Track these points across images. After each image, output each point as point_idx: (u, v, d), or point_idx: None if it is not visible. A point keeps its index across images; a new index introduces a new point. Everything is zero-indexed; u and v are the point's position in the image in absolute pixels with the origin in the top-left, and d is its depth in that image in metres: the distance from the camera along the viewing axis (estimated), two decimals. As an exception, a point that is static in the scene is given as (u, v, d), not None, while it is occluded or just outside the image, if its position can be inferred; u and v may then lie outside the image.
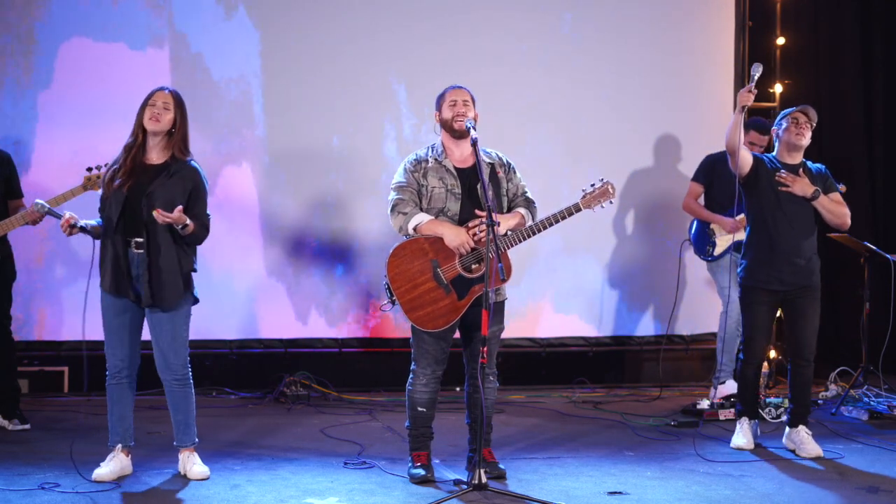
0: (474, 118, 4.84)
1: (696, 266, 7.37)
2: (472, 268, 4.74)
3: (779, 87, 7.90)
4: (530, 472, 5.00)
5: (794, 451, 5.48)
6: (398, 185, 4.86)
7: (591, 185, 4.87)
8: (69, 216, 4.61)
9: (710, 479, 4.94)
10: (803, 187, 5.39)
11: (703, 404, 6.51)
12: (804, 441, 5.45)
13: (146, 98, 4.73)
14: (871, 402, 6.62)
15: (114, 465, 4.74)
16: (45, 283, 6.80)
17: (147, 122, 4.68)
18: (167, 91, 4.75)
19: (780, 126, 5.51)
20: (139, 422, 5.33)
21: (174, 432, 4.87)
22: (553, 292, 7.52)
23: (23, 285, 6.04)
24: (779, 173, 5.40)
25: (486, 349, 4.52)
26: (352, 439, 5.68)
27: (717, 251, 6.71)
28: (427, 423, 4.91)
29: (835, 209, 5.46)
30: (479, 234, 4.66)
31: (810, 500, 4.63)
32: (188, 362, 4.81)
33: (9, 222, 5.53)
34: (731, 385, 6.59)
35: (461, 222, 4.77)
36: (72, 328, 6.78)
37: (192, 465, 4.83)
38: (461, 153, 4.89)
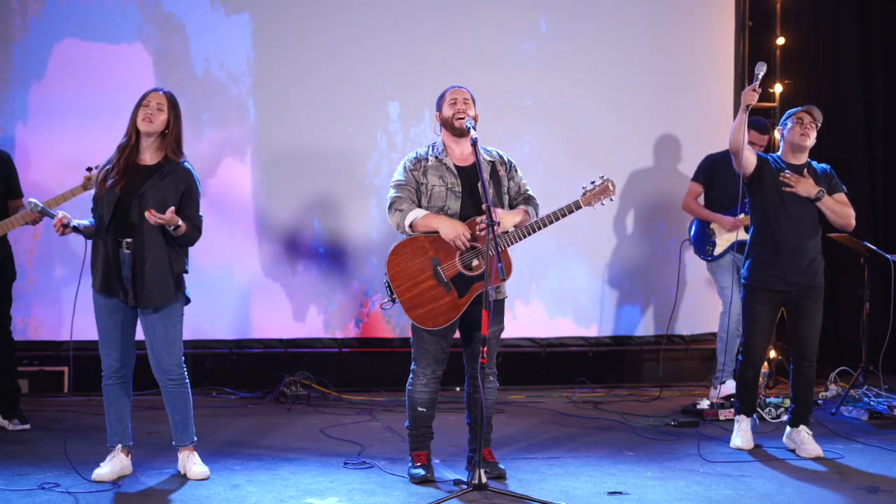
0: (475, 118, 4.84)
1: (696, 266, 7.37)
2: (473, 265, 4.74)
3: (779, 87, 7.89)
4: (530, 472, 5.00)
5: (794, 451, 5.48)
6: (397, 182, 4.86)
7: (592, 182, 4.87)
8: (62, 216, 4.60)
9: (710, 479, 4.94)
10: (807, 188, 5.37)
11: (703, 404, 6.52)
12: (804, 441, 5.45)
13: (140, 98, 4.72)
14: (871, 402, 6.62)
15: (113, 465, 4.74)
16: (45, 283, 6.79)
17: (140, 122, 4.67)
18: (161, 92, 4.75)
19: (785, 126, 5.49)
20: (138, 422, 5.33)
21: (172, 432, 4.87)
22: (553, 292, 7.52)
23: (23, 285, 6.04)
24: (783, 174, 5.38)
25: (486, 349, 4.52)
26: (352, 439, 5.68)
27: (717, 251, 6.70)
28: (427, 423, 4.91)
29: (839, 210, 5.44)
30: (481, 227, 4.64)
31: (810, 500, 4.63)
32: (183, 362, 4.80)
33: (9, 222, 5.54)
34: (731, 385, 6.58)
35: (462, 219, 4.76)
36: (72, 328, 6.77)
37: (191, 464, 4.83)
38: (462, 152, 4.89)
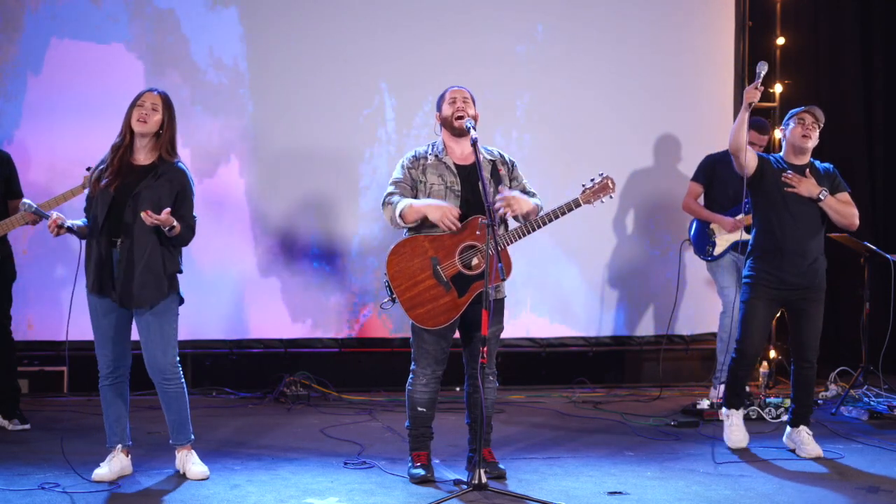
0: (474, 117, 4.84)
1: (696, 266, 7.37)
2: (473, 265, 4.74)
3: (779, 87, 7.90)
4: (530, 472, 5.00)
5: (794, 451, 5.48)
6: (393, 180, 4.87)
7: (591, 179, 4.86)
8: (56, 217, 4.59)
9: (710, 479, 4.93)
10: (809, 188, 5.35)
11: (703, 404, 6.51)
12: (805, 441, 5.44)
13: (135, 98, 4.72)
14: (871, 402, 6.62)
15: (113, 465, 4.74)
16: (45, 283, 6.79)
17: (135, 123, 4.67)
18: (156, 92, 4.74)
19: (787, 127, 5.47)
20: (138, 422, 5.33)
21: (169, 432, 4.86)
22: (553, 292, 7.52)
23: (23, 285, 6.04)
24: (784, 174, 5.36)
25: (486, 349, 4.52)
26: (352, 439, 5.68)
27: (717, 251, 6.70)
28: (427, 423, 4.91)
29: (842, 209, 5.41)
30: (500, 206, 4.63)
31: (810, 500, 4.62)
32: (178, 361, 4.79)
33: (9, 222, 5.54)
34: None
35: (462, 219, 4.76)
36: (72, 328, 6.76)
37: (190, 464, 4.82)
38: (462, 151, 4.89)
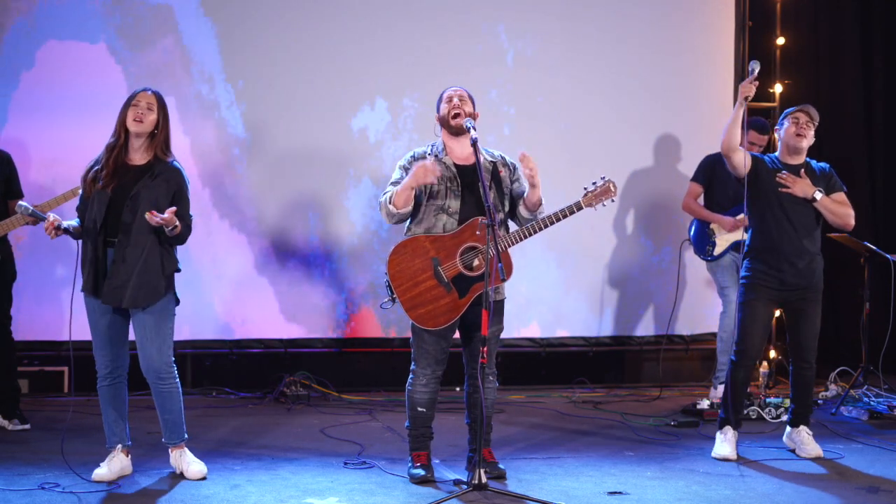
0: (473, 115, 4.84)
1: (696, 266, 7.37)
2: (474, 266, 4.74)
3: (779, 87, 7.90)
4: (530, 472, 5.00)
5: (794, 451, 5.48)
6: (392, 181, 4.87)
7: (593, 183, 4.87)
8: (53, 218, 4.57)
9: (710, 479, 4.94)
10: (804, 188, 5.33)
11: (703, 404, 6.52)
12: (805, 441, 5.44)
13: (129, 98, 4.71)
14: (871, 402, 6.62)
15: (113, 465, 4.74)
16: (45, 283, 6.79)
17: (130, 122, 4.66)
18: (150, 92, 4.74)
19: (782, 126, 5.46)
20: (138, 422, 5.33)
21: (162, 431, 4.85)
22: (553, 292, 7.52)
23: (23, 285, 6.04)
24: (779, 174, 5.35)
25: (485, 349, 4.52)
26: (352, 439, 5.68)
27: (717, 251, 6.70)
28: (427, 424, 4.91)
29: (837, 210, 5.39)
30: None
31: (810, 500, 4.62)
32: (173, 362, 4.78)
33: (9, 222, 5.54)
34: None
35: (462, 219, 4.77)
36: (73, 328, 6.78)
37: (186, 463, 4.82)
38: (462, 151, 4.89)
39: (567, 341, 7.60)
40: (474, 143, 4.70)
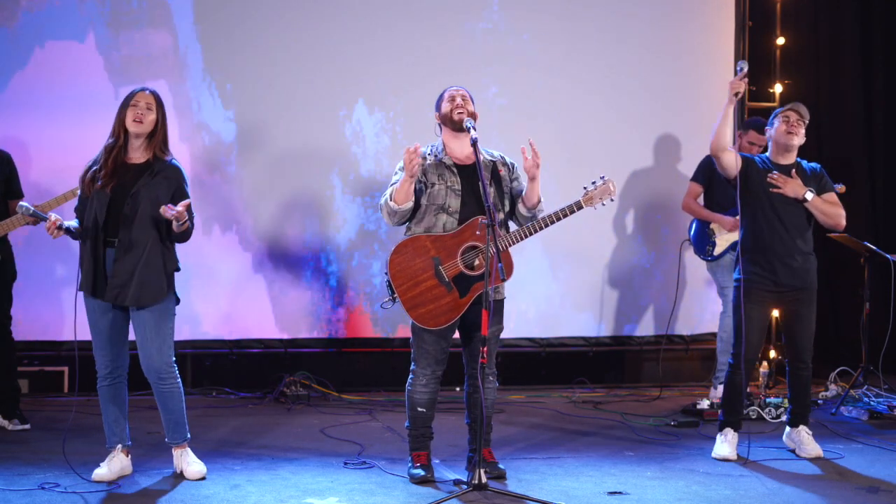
0: (473, 115, 4.83)
1: (696, 266, 7.37)
2: (475, 265, 4.74)
3: (779, 87, 7.90)
4: (530, 472, 5.00)
5: (793, 451, 5.48)
6: (392, 183, 4.86)
7: (593, 182, 4.87)
8: (55, 218, 4.57)
9: (710, 479, 4.93)
10: (795, 189, 5.30)
11: (703, 404, 6.52)
12: (804, 441, 5.44)
13: (127, 99, 4.71)
14: (871, 402, 6.62)
15: (113, 464, 4.74)
16: (45, 283, 6.79)
17: (130, 123, 4.66)
18: (148, 91, 4.74)
19: (772, 126, 5.44)
20: (138, 422, 5.33)
21: (165, 431, 4.85)
22: (553, 292, 7.52)
23: (23, 285, 6.04)
24: (770, 175, 5.32)
25: (485, 349, 4.52)
26: (352, 439, 5.68)
27: (717, 251, 6.70)
28: (427, 424, 4.91)
29: (828, 210, 5.35)
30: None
31: (810, 500, 4.62)
32: (174, 361, 4.78)
33: (9, 222, 5.54)
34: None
35: (462, 218, 4.77)
36: (72, 328, 6.74)
37: (187, 463, 4.82)
38: (462, 150, 4.89)
39: (567, 341, 7.60)
40: (474, 143, 4.70)
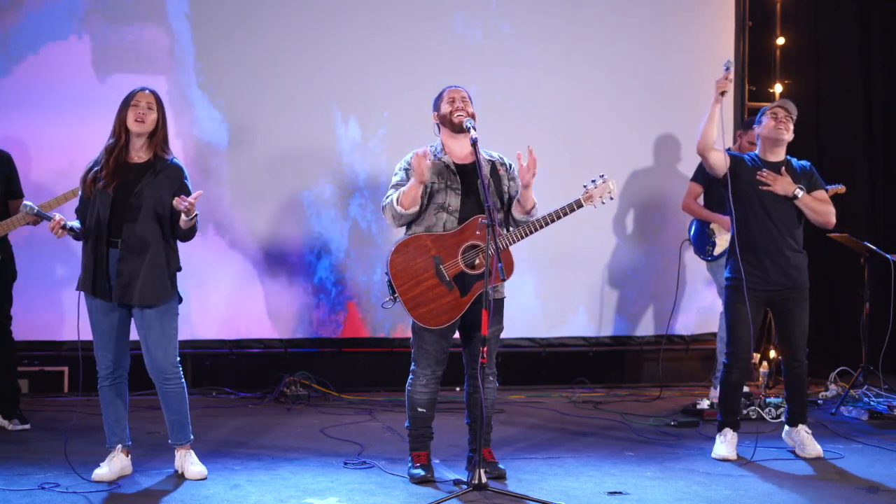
0: (472, 115, 4.83)
1: (696, 266, 7.37)
2: (475, 264, 4.74)
3: (779, 87, 7.90)
4: (530, 472, 5.00)
5: (794, 451, 5.47)
6: (393, 184, 4.86)
7: (592, 180, 4.87)
8: (59, 218, 4.58)
9: (710, 479, 4.93)
10: (784, 186, 5.28)
11: (703, 404, 6.52)
12: (804, 441, 5.43)
13: (127, 99, 4.72)
14: (871, 402, 6.61)
15: (114, 465, 4.74)
16: (45, 283, 6.79)
17: (132, 123, 4.67)
18: (148, 91, 4.75)
19: (760, 123, 5.43)
20: (137, 422, 5.33)
21: (168, 432, 4.86)
22: (553, 292, 7.52)
23: (23, 285, 6.04)
24: (759, 173, 5.31)
25: (485, 349, 4.52)
26: (352, 439, 5.68)
27: (717, 251, 6.70)
28: (427, 424, 4.90)
29: (818, 208, 5.33)
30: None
31: (810, 500, 4.62)
32: (178, 361, 4.79)
33: (9, 222, 5.54)
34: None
35: (462, 217, 4.77)
36: (72, 328, 6.68)
37: (188, 464, 4.82)
38: (461, 150, 4.89)
39: (567, 341, 7.60)
40: (474, 143, 4.71)
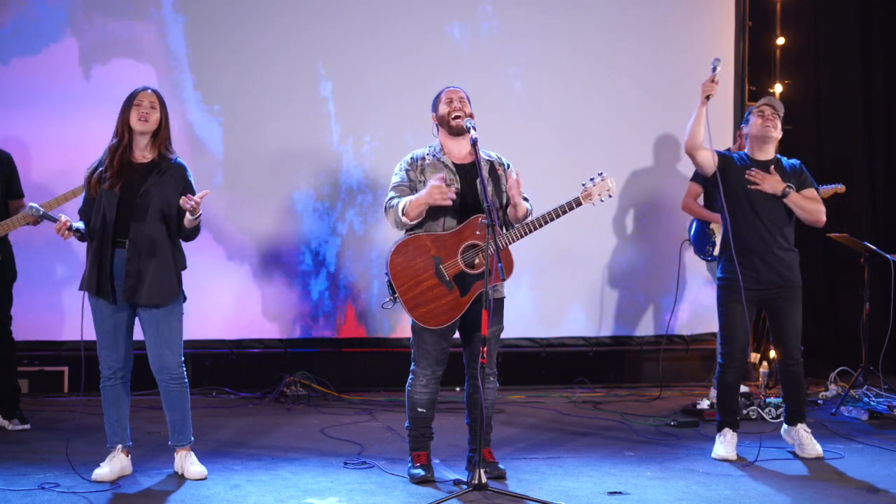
0: (471, 116, 4.83)
1: (696, 266, 7.37)
2: (475, 264, 4.74)
3: (779, 87, 7.90)
4: (530, 472, 5.00)
5: (794, 450, 5.46)
6: (393, 185, 4.86)
7: (591, 178, 4.86)
8: (65, 220, 4.57)
9: (710, 479, 4.93)
10: (773, 185, 5.26)
11: (703, 404, 6.52)
12: (804, 441, 5.42)
13: (130, 98, 4.72)
14: (871, 402, 6.62)
15: (114, 465, 4.74)
16: (45, 283, 6.79)
17: (136, 122, 4.67)
18: (150, 90, 4.75)
19: (748, 123, 5.42)
20: (138, 422, 5.33)
21: (169, 432, 4.86)
22: (553, 292, 7.52)
23: (23, 285, 6.04)
24: (748, 171, 5.29)
25: (485, 349, 4.52)
26: (352, 439, 5.68)
27: (717, 251, 6.68)
28: (427, 424, 4.90)
29: (808, 206, 5.31)
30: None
31: (810, 500, 4.62)
32: (183, 361, 4.80)
33: (9, 223, 5.54)
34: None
35: (462, 217, 4.76)
36: (72, 328, 6.68)
37: (188, 464, 4.82)
38: (460, 150, 4.89)
39: (567, 341, 7.60)
40: (474, 143, 4.71)
